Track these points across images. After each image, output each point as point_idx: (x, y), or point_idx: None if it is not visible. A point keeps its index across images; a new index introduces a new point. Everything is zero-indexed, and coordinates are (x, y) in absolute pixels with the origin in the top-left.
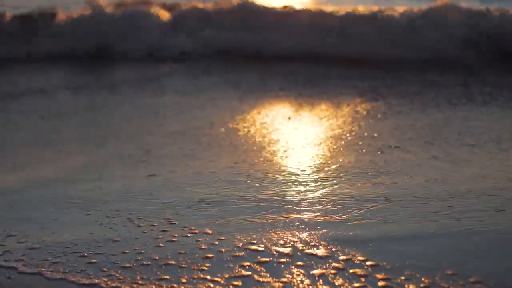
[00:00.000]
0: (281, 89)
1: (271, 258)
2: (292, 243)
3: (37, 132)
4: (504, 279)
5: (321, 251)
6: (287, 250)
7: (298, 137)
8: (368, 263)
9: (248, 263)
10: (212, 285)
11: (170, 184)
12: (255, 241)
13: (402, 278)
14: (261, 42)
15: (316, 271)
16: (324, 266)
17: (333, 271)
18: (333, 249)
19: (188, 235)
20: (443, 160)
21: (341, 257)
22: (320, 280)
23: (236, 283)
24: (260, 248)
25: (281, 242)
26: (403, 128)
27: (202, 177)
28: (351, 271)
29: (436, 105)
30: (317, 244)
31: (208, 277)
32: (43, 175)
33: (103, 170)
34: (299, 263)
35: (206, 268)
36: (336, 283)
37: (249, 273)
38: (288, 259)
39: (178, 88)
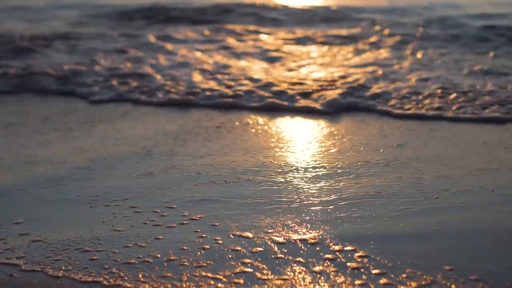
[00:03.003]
0: None
1: (272, 255)
2: (293, 240)
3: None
4: (504, 277)
5: (322, 249)
6: (287, 247)
7: (300, 135)
8: (369, 261)
9: (249, 260)
10: (213, 282)
11: (171, 182)
12: (255, 239)
13: (404, 276)
14: None
15: (316, 268)
16: (325, 264)
17: (334, 269)
18: (335, 247)
19: (190, 232)
20: (446, 159)
21: (342, 255)
22: (321, 278)
23: (237, 280)
24: (260, 247)
25: (282, 239)
26: (405, 127)
27: (202, 175)
28: (352, 268)
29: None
30: (318, 241)
31: (210, 274)
32: (43, 173)
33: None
34: (299, 259)
35: (206, 265)
36: (338, 281)
37: (250, 270)
38: (288, 256)
39: None
